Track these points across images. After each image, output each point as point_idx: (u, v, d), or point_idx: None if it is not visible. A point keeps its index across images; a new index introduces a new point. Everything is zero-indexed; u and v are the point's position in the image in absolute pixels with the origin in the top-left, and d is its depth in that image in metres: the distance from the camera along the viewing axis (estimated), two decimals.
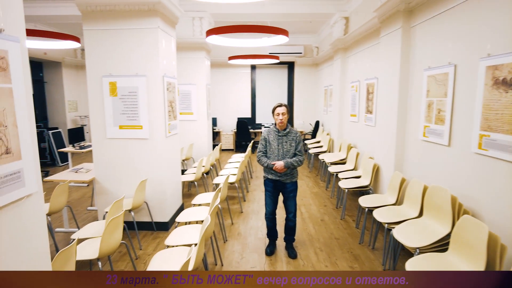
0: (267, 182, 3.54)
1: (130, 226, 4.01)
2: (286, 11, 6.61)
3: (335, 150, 7.07)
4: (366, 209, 3.76)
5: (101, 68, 3.97)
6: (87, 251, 2.67)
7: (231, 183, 4.94)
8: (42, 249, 1.78)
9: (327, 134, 7.93)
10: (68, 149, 6.36)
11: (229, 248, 3.76)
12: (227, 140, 10.33)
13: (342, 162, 6.05)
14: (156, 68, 3.96)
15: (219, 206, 3.91)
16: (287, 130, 3.44)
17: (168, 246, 2.85)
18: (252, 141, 7.88)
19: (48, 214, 3.60)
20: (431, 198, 3.00)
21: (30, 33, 4.86)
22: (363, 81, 5.68)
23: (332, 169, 5.51)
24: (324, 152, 7.35)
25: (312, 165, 7.83)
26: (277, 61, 8.36)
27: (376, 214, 3.36)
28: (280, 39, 5.65)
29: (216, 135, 10.30)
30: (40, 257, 1.76)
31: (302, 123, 10.61)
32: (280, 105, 3.42)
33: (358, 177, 4.88)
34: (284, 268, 3.33)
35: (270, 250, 3.62)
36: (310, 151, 7.67)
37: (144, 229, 4.24)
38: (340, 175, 5.04)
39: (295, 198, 3.55)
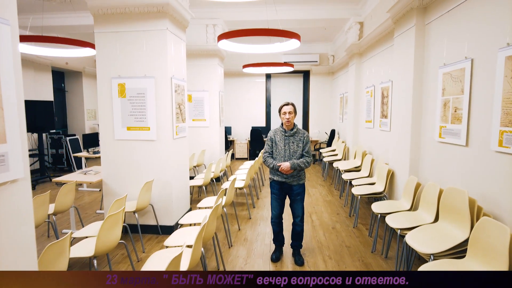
0: (273, 184, 3.41)
1: (134, 229, 3.95)
2: (300, 17, 6.57)
3: (350, 157, 6.85)
4: (379, 215, 3.55)
5: (111, 70, 4.01)
6: (84, 249, 2.61)
7: (239, 188, 4.83)
8: (28, 238, 1.72)
9: (342, 142, 7.72)
10: (82, 154, 6.46)
11: (233, 253, 3.62)
12: (241, 149, 10.27)
13: (357, 169, 5.82)
14: (164, 69, 3.96)
15: (225, 210, 3.80)
16: (294, 130, 3.32)
17: (167, 247, 2.76)
18: None
19: (54, 214, 3.61)
20: (447, 201, 2.77)
21: (52, 40, 5.03)
22: (378, 86, 5.51)
23: (346, 176, 5.30)
24: (339, 160, 7.13)
25: (326, 173, 7.61)
26: (291, 69, 8.30)
27: (389, 220, 3.15)
28: (293, 43, 5.59)
29: (230, 143, 10.26)
30: (24, 246, 1.70)
31: (317, 132, 10.43)
32: (287, 104, 3.31)
33: (373, 184, 4.65)
34: None
35: (276, 256, 3.45)
36: (325, 159, 7.47)
37: (149, 232, 4.17)
38: (354, 182, 4.83)
39: (302, 202, 3.39)
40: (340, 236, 4.06)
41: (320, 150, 8.82)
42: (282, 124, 3.37)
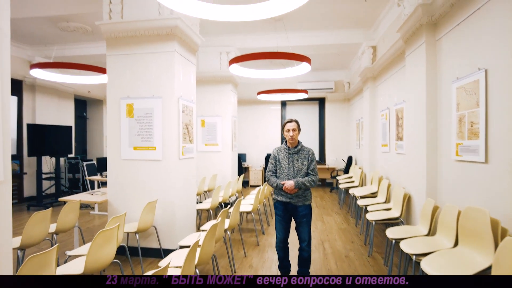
0: (277, 205, 3.23)
1: (136, 252, 3.81)
2: (312, 43, 6.62)
3: (367, 184, 6.54)
4: (394, 241, 3.26)
5: (120, 90, 4.09)
6: (73, 266, 2.50)
7: (247, 213, 4.65)
8: (4, 241, 1.64)
9: (359, 168, 7.44)
10: (95, 177, 6.52)
11: None
12: (256, 176, 10.11)
13: (373, 195, 5.52)
14: (172, 90, 4.00)
15: (228, 233, 3.63)
16: (298, 147, 3.19)
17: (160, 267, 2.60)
18: None
19: (56, 233, 3.55)
20: (467, 223, 2.50)
21: (73, 66, 5.29)
22: (392, 108, 5.33)
23: (361, 202, 5.02)
24: (356, 187, 6.83)
25: (343, 201, 7.28)
26: (306, 96, 8.28)
27: (404, 245, 2.87)
28: (304, 67, 5.59)
29: (244, 170, 10.14)
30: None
31: (334, 160, 10.17)
32: (290, 121, 3.21)
33: (389, 209, 4.36)
34: None
35: None
36: (341, 186, 7.18)
37: (152, 256, 4.02)
38: (369, 208, 4.55)
39: (309, 224, 3.17)
40: (353, 265, 3.75)
41: (337, 178, 8.53)
42: (285, 141, 3.25)
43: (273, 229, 5.31)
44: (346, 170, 8.97)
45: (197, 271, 2.57)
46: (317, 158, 10.52)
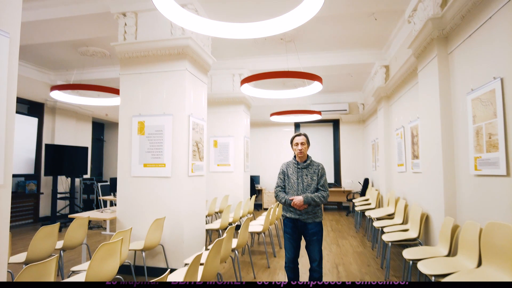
0: (285, 222, 3.11)
1: (140, 271, 3.72)
2: (324, 64, 6.64)
3: (384, 205, 6.29)
4: (411, 262, 3.05)
5: (132, 108, 4.17)
6: (74, 280, 2.43)
7: (257, 233, 4.51)
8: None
9: (376, 190, 7.19)
10: (108, 197, 6.55)
11: None
12: (270, 199, 9.93)
13: (390, 217, 5.28)
14: (182, 107, 4.04)
15: (236, 252, 3.50)
16: (308, 161, 3.10)
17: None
18: None
19: (63, 249, 3.52)
20: (490, 240, 2.32)
21: (91, 88, 5.48)
22: (407, 126, 5.20)
23: (377, 224, 4.80)
24: (372, 209, 6.57)
25: (359, 224, 7.00)
26: (320, 117, 8.24)
27: (422, 265, 2.68)
28: (316, 87, 5.59)
29: (258, 192, 10.00)
30: None
31: (350, 182, 9.91)
32: (299, 134, 3.15)
33: (406, 230, 4.13)
34: None
35: None
36: (356, 209, 6.93)
37: (158, 275, 3.90)
38: (385, 230, 4.33)
39: (319, 243, 3.02)
40: None
41: (353, 201, 8.27)
42: (294, 156, 3.18)
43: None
44: (363, 193, 8.70)
45: None
46: (332, 181, 10.30)
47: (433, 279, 2.49)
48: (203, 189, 4.55)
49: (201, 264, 2.74)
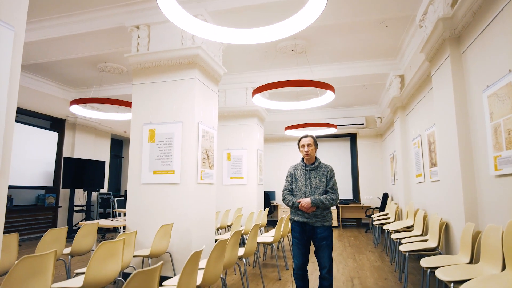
0: (293, 226, 3.00)
1: None
2: (336, 75, 6.59)
3: (403, 218, 6.00)
4: (429, 270, 2.84)
5: (144, 117, 4.24)
6: (74, 281, 2.40)
7: (268, 244, 4.37)
8: None
9: (395, 204, 6.90)
10: (122, 209, 6.59)
11: None
12: (286, 214, 9.70)
13: (409, 230, 5.01)
14: (192, 114, 4.07)
15: (244, 260, 3.38)
16: (316, 163, 3.01)
17: (162, 286, 2.43)
18: None
19: (71, 255, 3.52)
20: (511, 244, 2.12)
21: (110, 102, 5.67)
22: (424, 134, 5.02)
23: (395, 236, 4.55)
24: (391, 222, 6.27)
25: (378, 240, 6.69)
26: (335, 130, 8.13)
27: (440, 272, 2.49)
28: (328, 96, 5.54)
29: (274, 208, 9.82)
30: None
31: (370, 198, 9.59)
32: (306, 136, 3.07)
33: (425, 241, 3.89)
34: None
35: None
36: (375, 223, 6.65)
37: None
38: (403, 241, 4.10)
39: (329, 249, 2.88)
40: None
41: (372, 216, 7.95)
42: (302, 158, 3.10)
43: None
44: (382, 208, 8.37)
45: None
46: (350, 197, 10.00)
47: (452, 286, 2.29)
48: (212, 198, 4.50)
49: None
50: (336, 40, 5.45)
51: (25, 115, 7.04)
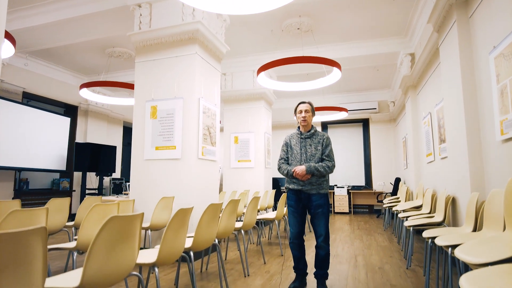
0: (289, 194, 2.95)
1: None
2: (345, 55, 6.43)
3: (414, 199, 5.83)
4: (430, 240, 2.74)
5: (146, 94, 4.27)
6: (69, 244, 2.44)
7: (270, 220, 4.34)
8: None
9: (406, 186, 6.72)
10: None
11: (247, 282, 3.07)
12: None
13: (418, 209, 4.86)
14: (192, 90, 4.07)
15: (242, 232, 3.37)
16: (312, 131, 2.95)
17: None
18: None
19: (75, 226, 3.60)
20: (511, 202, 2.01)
21: (118, 85, 5.76)
22: (433, 110, 4.84)
23: (402, 214, 4.43)
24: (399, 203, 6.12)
25: (387, 223, 6.55)
26: (346, 114, 7.99)
27: (439, 239, 2.39)
28: (335, 75, 5.41)
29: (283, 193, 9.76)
30: None
31: (382, 184, 9.39)
32: (303, 102, 2.99)
33: (432, 217, 3.77)
34: None
35: (294, 287, 2.81)
36: (384, 205, 6.51)
37: None
38: (410, 219, 3.98)
39: (325, 217, 2.81)
40: (386, 276, 3.21)
41: (383, 201, 7.80)
42: (298, 127, 3.03)
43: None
44: (394, 193, 8.18)
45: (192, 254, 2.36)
46: (363, 183, 9.82)
47: (449, 250, 2.20)
48: (215, 175, 4.50)
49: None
50: (343, 17, 5.30)
51: (40, 102, 7.24)
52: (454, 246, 2.18)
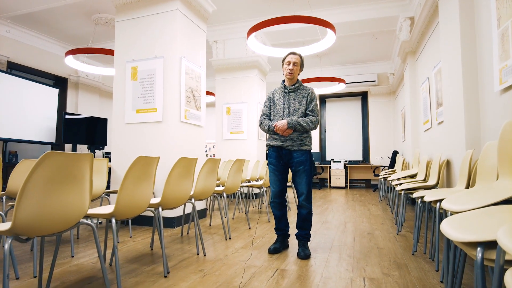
0: (269, 151, 2.76)
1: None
2: (341, 20, 6.10)
3: (409, 169, 5.66)
4: (419, 200, 2.58)
5: (126, 54, 4.04)
6: None
7: (258, 187, 4.18)
8: None
9: (403, 158, 6.54)
10: None
11: (227, 244, 2.94)
12: None
13: (413, 178, 4.69)
14: (173, 49, 3.83)
15: (224, 195, 3.21)
16: (297, 85, 2.73)
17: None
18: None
19: None
20: (507, 147, 1.80)
21: (104, 52, 5.48)
22: (431, 74, 4.57)
23: (396, 182, 4.27)
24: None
25: (383, 196, 6.41)
26: (344, 86, 7.73)
27: (427, 196, 2.22)
28: (329, 38, 5.11)
29: None
30: None
31: (380, 159, 9.21)
32: (294, 53, 2.72)
33: (425, 181, 3.60)
34: (282, 268, 2.34)
35: (274, 248, 2.66)
36: (380, 177, 6.35)
37: (148, 224, 3.75)
38: (403, 185, 3.81)
39: (307, 175, 2.64)
40: (375, 240, 3.07)
41: (380, 175, 7.64)
42: (283, 80, 2.81)
43: (293, 215, 4.74)
44: (391, 166, 8.01)
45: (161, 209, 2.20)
46: (360, 158, 9.65)
47: (437, 205, 2.03)
48: (201, 141, 4.32)
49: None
50: None
51: (27, 73, 7.01)
52: (441, 201, 2.00)
